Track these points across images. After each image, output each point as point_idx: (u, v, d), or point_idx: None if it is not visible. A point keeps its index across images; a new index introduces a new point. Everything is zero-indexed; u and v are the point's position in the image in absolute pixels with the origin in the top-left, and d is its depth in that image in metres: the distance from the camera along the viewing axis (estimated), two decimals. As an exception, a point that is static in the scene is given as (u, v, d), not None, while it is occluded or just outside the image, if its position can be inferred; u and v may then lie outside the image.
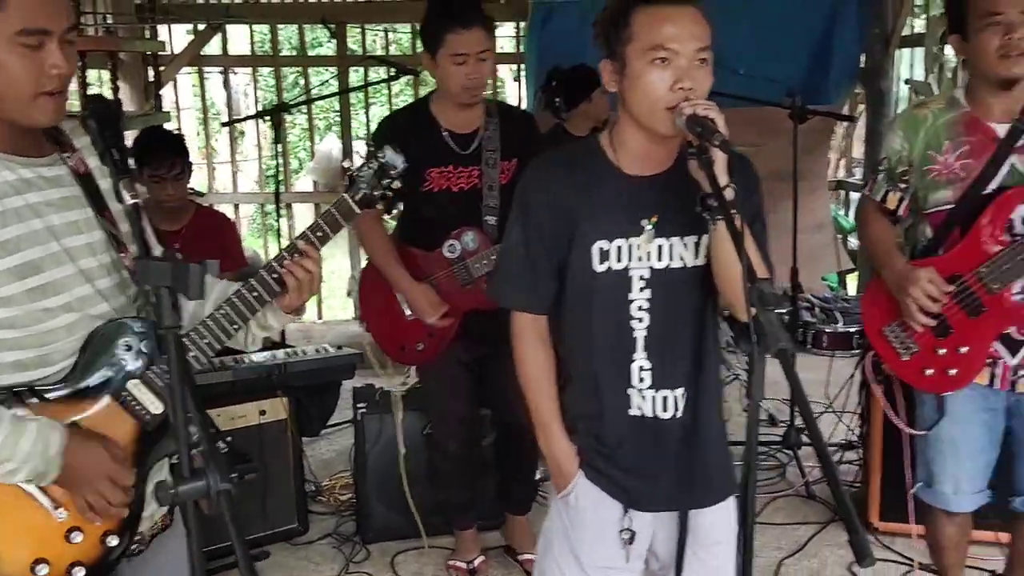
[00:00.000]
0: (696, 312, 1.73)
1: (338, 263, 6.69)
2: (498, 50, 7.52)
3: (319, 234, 1.66)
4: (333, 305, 6.95)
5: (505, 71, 8.52)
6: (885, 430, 3.09)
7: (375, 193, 1.70)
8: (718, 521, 1.80)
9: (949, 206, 2.25)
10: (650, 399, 1.73)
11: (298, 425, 3.24)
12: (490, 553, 3.13)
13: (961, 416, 2.33)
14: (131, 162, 1.48)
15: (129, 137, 3.49)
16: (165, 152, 3.28)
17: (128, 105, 5.22)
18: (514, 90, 6.84)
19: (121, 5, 5.31)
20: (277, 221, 4.36)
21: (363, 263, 6.16)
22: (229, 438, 3.04)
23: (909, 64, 6.17)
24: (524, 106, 6.27)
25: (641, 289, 1.70)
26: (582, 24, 6.36)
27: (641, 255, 1.69)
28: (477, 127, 2.70)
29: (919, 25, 6.19)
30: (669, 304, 1.70)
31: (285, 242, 3.32)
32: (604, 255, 1.70)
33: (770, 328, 1.33)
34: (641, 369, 1.72)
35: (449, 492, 3.03)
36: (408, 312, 2.76)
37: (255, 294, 1.60)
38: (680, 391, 1.72)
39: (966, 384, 2.28)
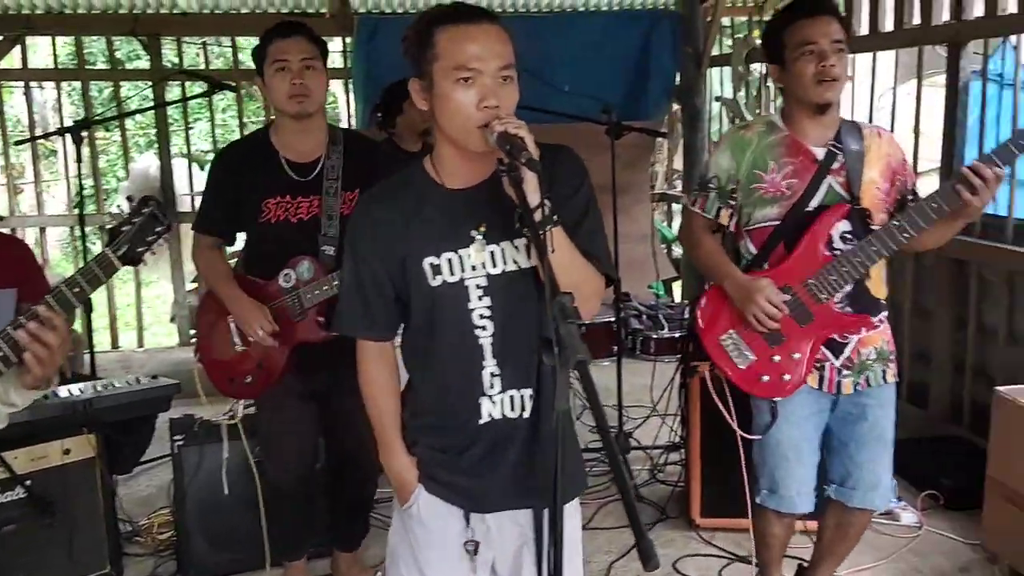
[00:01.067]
0: (537, 311, 1.73)
1: (161, 288, 6.37)
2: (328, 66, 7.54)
3: (76, 290, 1.57)
4: (157, 332, 6.61)
5: (338, 87, 8.40)
6: (704, 432, 3.24)
7: (138, 249, 1.62)
8: (567, 519, 1.82)
9: (775, 222, 2.39)
10: (499, 402, 1.73)
11: (108, 463, 3.02)
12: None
13: (799, 420, 2.46)
14: None
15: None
16: None
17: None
18: (347, 106, 6.72)
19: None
20: (83, 245, 4.07)
21: (188, 286, 5.94)
22: (28, 482, 2.83)
23: (719, 82, 6.53)
24: (355, 121, 6.21)
25: (480, 297, 1.71)
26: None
27: (475, 264, 1.70)
28: (319, 155, 2.62)
29: (728, 46, 6.58)
30: (510, 307, 1.71)
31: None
32: (436, 270, 1.70)
33: (569, 340, 1.35)
34: (492, 375, 1.72)
35: (280, 526, 2.91)
36: (238, 343, 2.65)
37: None
38: (528, 391, 1.73)
39: (797, 388, 2.41)
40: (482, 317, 1.70)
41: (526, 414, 1.73)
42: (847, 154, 2.34)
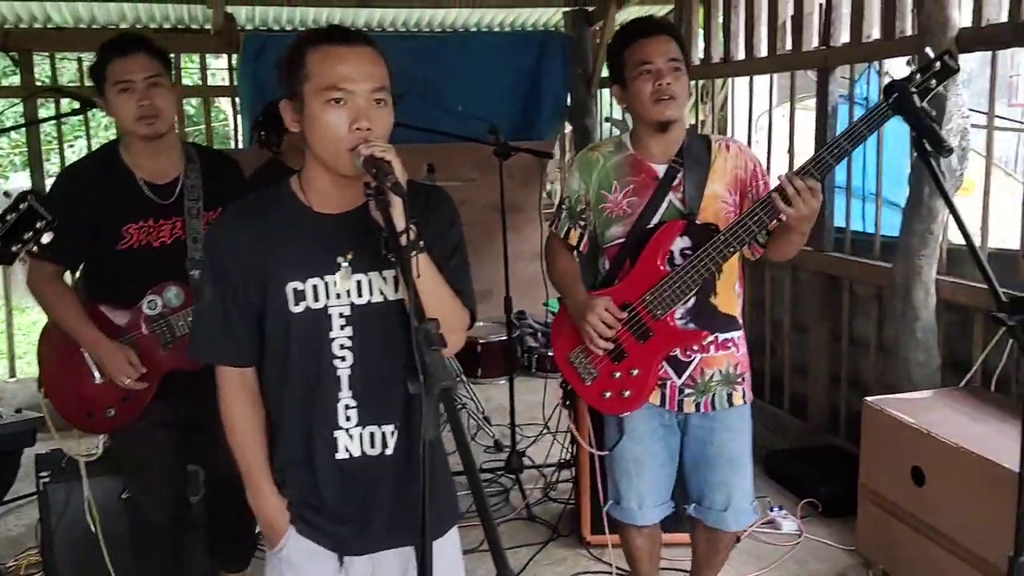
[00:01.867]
0: (403, 344, 1.70)
1: (36, 315, 6.04)
2: (214, 83, 7.33)
3: None
4: (33, 360, 6.23)
5: (226, 105, 8.21)
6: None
7: (12, 248, 1.53)
8: (436, 557, 1.78)
9: (621, 240, 2.41)
10: (357, 437, 1.69)
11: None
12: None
13: (641, 435, 2.48)
14: None
15: None
16: None
17: None
18: (235, 124, 6.56)
19: None
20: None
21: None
22: None
23: (610, 103, 6.66)
24: (242, 140, 6.07)
25: (342, 327, 1.67)
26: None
27: (340, 292, 1.66)
28: (177, 175, 2.51)
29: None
30: (373, 339, 1.67)
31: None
32: (299, 295, 1.65)
33: (435, 368, 1.33)
34: (347, 408, 1.68)
35: (153, 562, 2.77)
36: (98, 375, 2.50)
37: None
38: (390, 427, 1.69)
39: (640, 405, 2.43)
40: (342, 347, 1.66)
41: (389, 451, 1.69)
42: (687, 170, 2.36)
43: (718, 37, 4.90)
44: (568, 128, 6.78)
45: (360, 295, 1.67)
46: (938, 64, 2.05)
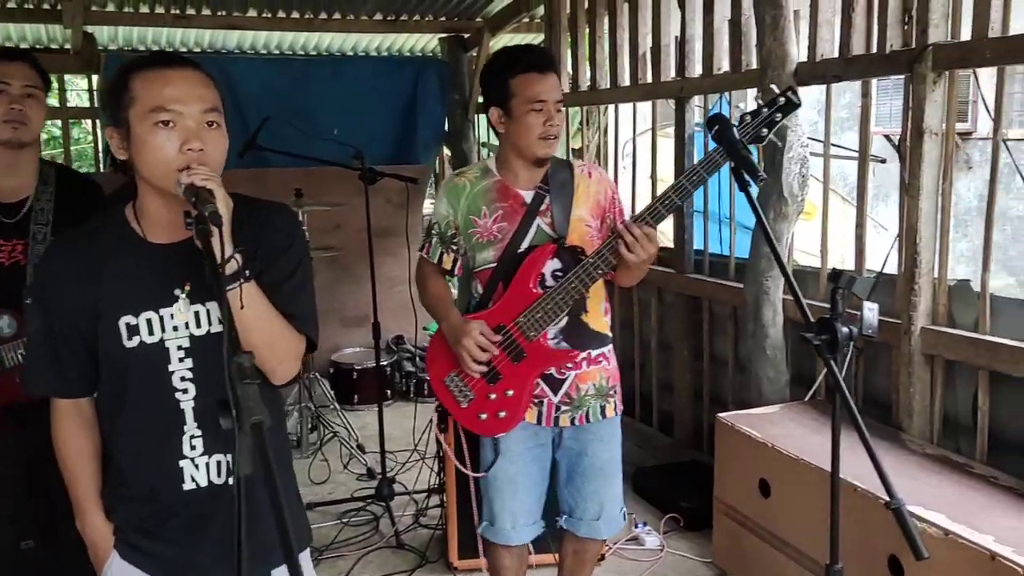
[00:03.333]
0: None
1: None
2: (74, 104, 7.07)
3: None
4: None
5: (89, 127, 7.88)
6: (459, 474, 3.27)
7: None
8: None
9: (493, 264, 2.44)
10: (203, 467, 1.64)
11: None
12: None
13: (516, 455, 2.51)
14: None
15: None
16: None
17: None
18: (96, 146, 6.30)
19: None
20: None
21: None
22: None
23: (487, 128, 6.73)
24: (102, 164, 5.85)
25: (181, 359, 1.62)
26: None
27: (177, 324, 1.61)
28: (27, 195, 2.40)
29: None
30: (216, 369, 1.62)
31: None
32: (133, 330, 1.60)
33: (246, 402, 1.31)
34: (192, 438, 1.64)
35: None
36: None
37: None
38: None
39: (515, 425, 2.46)
40: (183, 380, 1.62)
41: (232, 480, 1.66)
42: (553, 195, 2.43)
43: (585, 66, 5.04)
44: (447, 152, 6.81)
45: (199, 326, 1.62)
46: (782, 99, 2.18)
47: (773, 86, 2.37)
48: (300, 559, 1.81)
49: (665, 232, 5.04)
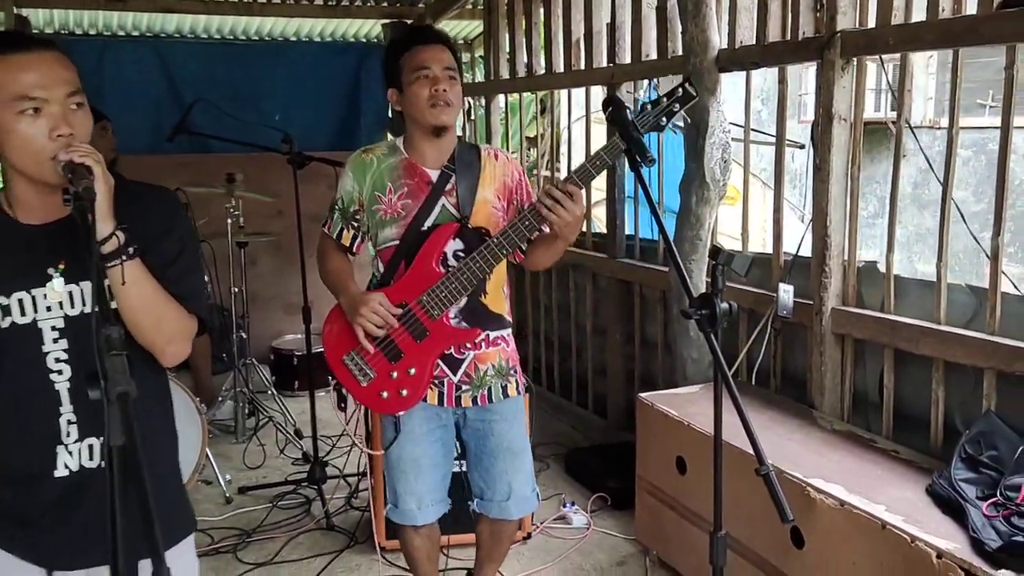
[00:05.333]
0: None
1: None
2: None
3: None
4: None
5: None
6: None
7: None
8: (175, 562, 1.75)
9: (395, 242, 2.45)
10: (76, 451, 1.64)
11: None
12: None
13: (418, 436, 2.53)
14: None
15: None
16: None
17: None
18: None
19: None
20: None
21: None
22: None
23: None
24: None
25: (56, 340, 1.61)
26: (100, 63, 5.96)
27: (51, 304, 1.61)
28: None
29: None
30: (91, 350, 1.63)
31: None
32: (5, 310, 1.59)
33: (113, 373, 1.33)
34: (69, 423, 1.63)
35: None
36: None
37: None
38: None
39: (416, 403, 2.47)
40: (58, 361, 1.62)
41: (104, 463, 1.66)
42: (459, 175, 2.45)
43: (521, 53, 5.07)
44: (390, 138, 6.80)
45: (73, 305, 1.62)
46: (680, 91, 2.23)
47: (672, 78, 2.40)
48: (181, 545, 1.80)
49: (600, 218, 5.12)
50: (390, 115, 6.50)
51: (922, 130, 11.28)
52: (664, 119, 2.23)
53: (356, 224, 2.51)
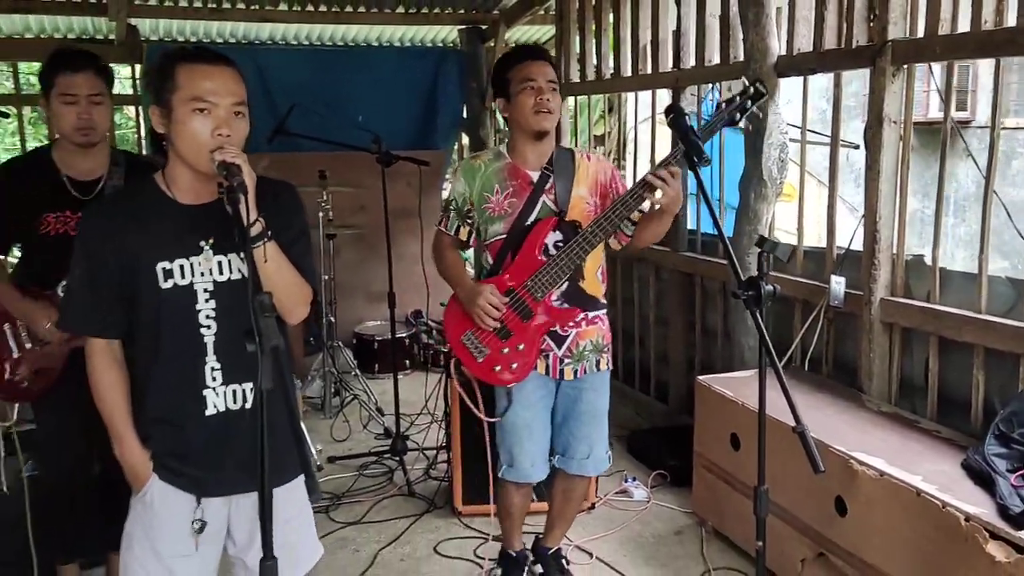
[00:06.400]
0: None
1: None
2: (117, 92, 7.47)
3: None
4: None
5: (132, 112, 8.31)
6: (464, 429, 3.62)
7: None
8: (286, 501, 2.06)
9: (503, 236, 2.79)
10: (222, 394, 1.97)
11: None
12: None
13: (532, 403, 2.86)
14: None
15: None
16: None
17: None
18: (138, 131, 6.71)
19: None
20: None
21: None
22: None
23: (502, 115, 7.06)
24: (145, 146, 6.26)
25: (206, 300, 1.95)
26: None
27: (203, 271, 1.95)
28: (101, 175, 2.78)
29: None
30: (233, 310, 1.94)
31: None
32: (168, 274, 1.93)
33: (267, 330, 1.66)
34: (213, 369, 1.96)
35: (52, 529, 3.00)
36: (14, 348, 2.76)
37: None
38: (249, 385, 1.97)
39: (526, 375, 2.80)
40: (207, 317, 1.95)
41: (248, 405, 1.98)
42: (556, 176, 2.78)
43: (590, 58, 5.35)
44: (465, 138, 7.15)
45: (221, 273, 1.96)
46: (751, 90, 2.51)
47: (744, 79, 2.67)
48: (299, 479, 2.14)
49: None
50: (463, 116, 6.86)
51: (987, 130, 11.08)
52: (738, 115, 2.54)
53: (470, 221, 2.84)
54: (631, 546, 3.50)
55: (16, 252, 2.93)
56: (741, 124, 3.06)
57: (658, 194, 2.57)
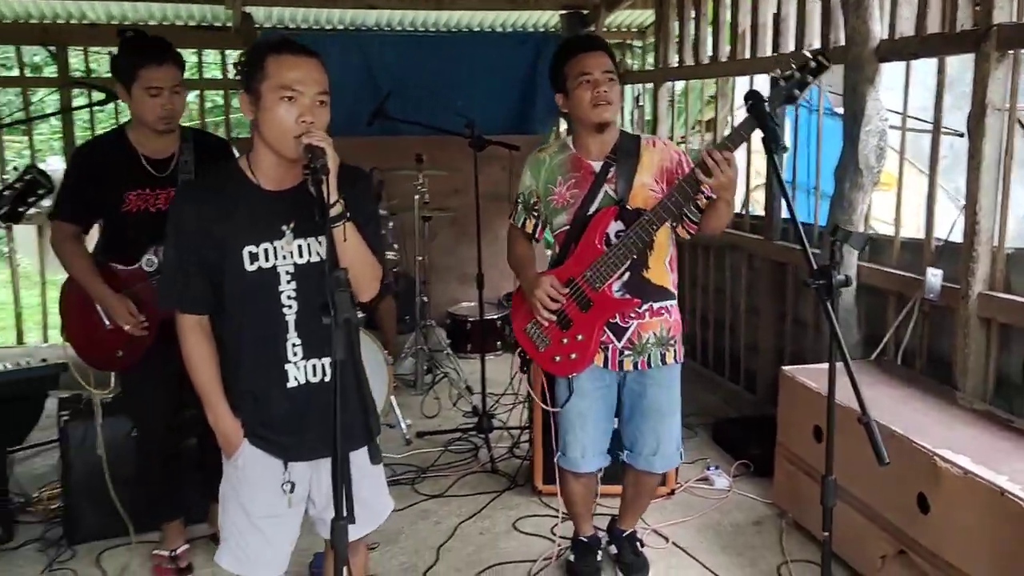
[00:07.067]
0: None
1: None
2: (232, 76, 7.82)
3: None
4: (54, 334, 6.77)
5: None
6: (544, 414, 3.68)
7: (19, 209, 1.94)
8: (360, 467, 2.14)
9: (567, 227, 2.80)
10: (303, 368, 2.11)
11: (-1, 435, 3.33)
12: (196, 542, 3.37)
13: (586, 393, 2.87)
14: None
15: None
16: None
17: None
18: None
19: None
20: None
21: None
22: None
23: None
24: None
25: (288, 281, 2.08)
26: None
27: (285, 254, 2.08)
28: (173, 152, 2.97)
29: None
30: (312, 291, 2.08)
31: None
32: (253, 257, 2.06)
33: (341, 304, 1.76)
34: (294, 345, 2.10)
35: (154, 491, 3.22)
36: (108, 322, 2.98)
37: None
38: (327, 359, 2.10)
39: (585, 366, 2.82)
40: (288, 298, 2.08)
41: (327, 379, 2.11)
42: (619, 165, 2.76)
43: (689, 42, 5.29)
44: (563, 124, 7.18)
45: (301, 256, 2.08)
46: (813, 63, 2.41)
47: (805, 51, 2.56)
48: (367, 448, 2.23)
49: (758, 201, 5.28)
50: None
51: None
52: (796, 91, 2.36)
53: (536, 214, 2.87)
54: (708, 533, 3.50)
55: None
56: (829, 115, 2.97)
57: (706, 177, 2.49)
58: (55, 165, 7.22)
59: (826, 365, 3.57)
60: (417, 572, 3.23)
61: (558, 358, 2.83)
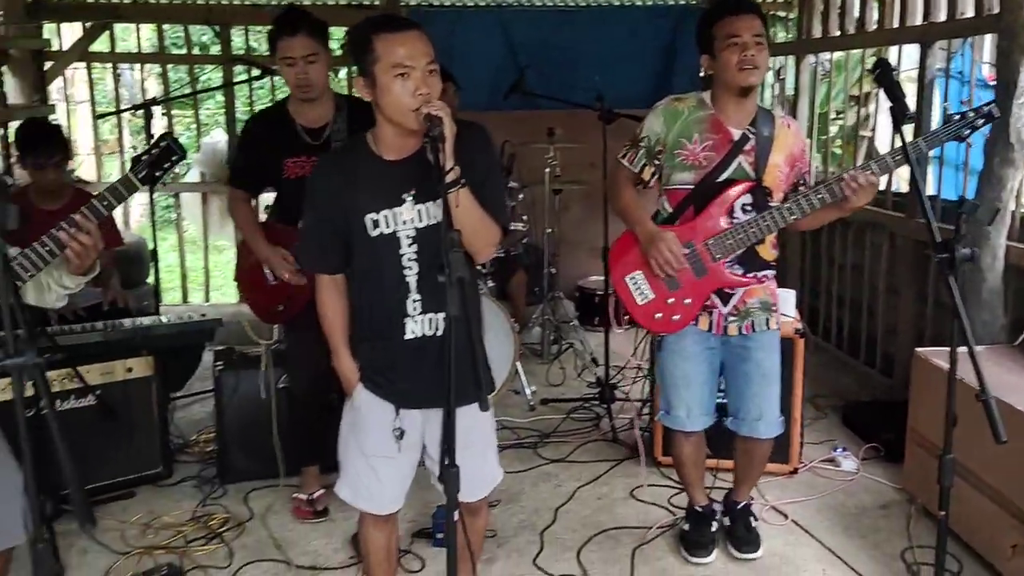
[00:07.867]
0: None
1: (231, 254, 7.06)
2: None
3: (104, 203, 2.13)
4: (228, 292, 7.29)
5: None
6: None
7: (156, 173, 2.15)
8: (470, 428, 2.24)
9: (689, 187, 2.79)
10: (421, 322, 2.25)
11: (162, 380, 3.68)
12: (331, 489, 3.61)
13: (691, 355, 2.91)
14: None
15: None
16: (45, 143, 3.69)
17: (17, 97, 5.55)
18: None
19: (12, 4, 5.62)
20: (152, 209, 4.78)
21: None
22: (98, 392, 3.48)
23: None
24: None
25: (409, 245, 2.22)
26: (452, 31, 6.81)
27: (406, 219, 2.21)
28: (327, 121, 3.17)
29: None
30: (432, 252, 2.18)
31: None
32: (376, 223, 2.21)
33: (455, 264, 1.86)
34: (414, 302, 2.24)
35: (299, 436, 3.50)
36: (270, 279, 3.26)
37: (38, 253, 2.05)
38: (442, 315, 2.21)
39: (683, 328, 2.85)
40: (410, 260, 2.21)
41: (439, 332, 2.23)
42: (759, 139, 2.74)
43: (834, 13, 5.09)
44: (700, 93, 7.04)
45: (421, 220, 2.21)
46: (985, 109, 2.58)
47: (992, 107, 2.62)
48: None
49: (903, 176, 5.04)
50: (701, 75, 6.75)
51: None
52: (967, 131, 2.53)
53: (657, 162, 2.84)
54: (830, 514, 3.44)
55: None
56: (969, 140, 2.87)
57: (852, 196, 2.59)
58: (217, 136, 7.75)
59: (964, 349, 3.46)
60: (535, 530, 3.35)
61: (659, 315, 2.85)
